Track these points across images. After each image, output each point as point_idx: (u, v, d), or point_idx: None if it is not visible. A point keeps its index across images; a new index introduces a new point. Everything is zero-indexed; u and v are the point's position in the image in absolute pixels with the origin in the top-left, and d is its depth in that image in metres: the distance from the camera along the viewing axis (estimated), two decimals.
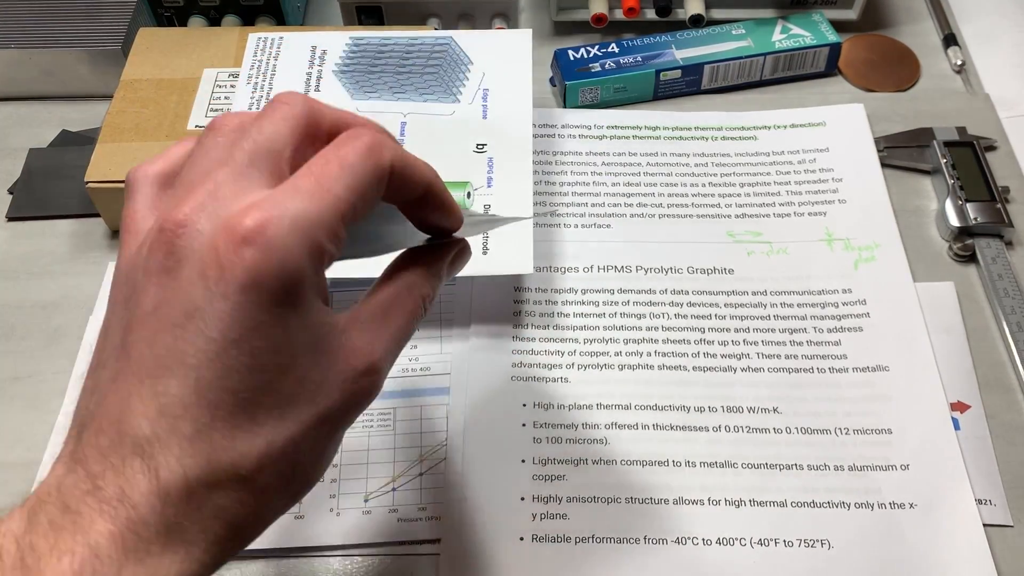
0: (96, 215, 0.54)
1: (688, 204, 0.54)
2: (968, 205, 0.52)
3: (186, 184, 0.26)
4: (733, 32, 0.62)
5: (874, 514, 0.42)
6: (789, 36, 0.61)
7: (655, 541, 0.42)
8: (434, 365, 0.48)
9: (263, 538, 0.43)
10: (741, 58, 0.60)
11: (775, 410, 0.46)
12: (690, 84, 0.61)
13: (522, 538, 0.42)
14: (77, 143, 0.59)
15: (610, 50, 0.61)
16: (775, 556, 0.41)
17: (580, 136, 0.58)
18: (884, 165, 0.56)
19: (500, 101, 0.52)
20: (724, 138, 0.58)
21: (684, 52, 0.61)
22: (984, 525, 0.42)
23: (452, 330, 0.49)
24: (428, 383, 0.47)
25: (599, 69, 0.60)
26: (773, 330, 0.49)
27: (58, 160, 0.58)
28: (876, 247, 0.52)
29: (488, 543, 0.42)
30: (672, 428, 0.45)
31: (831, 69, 0.62)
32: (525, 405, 0.46)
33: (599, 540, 0.42)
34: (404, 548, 0.42)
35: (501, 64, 0.53)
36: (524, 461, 0.44)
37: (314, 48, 0.54)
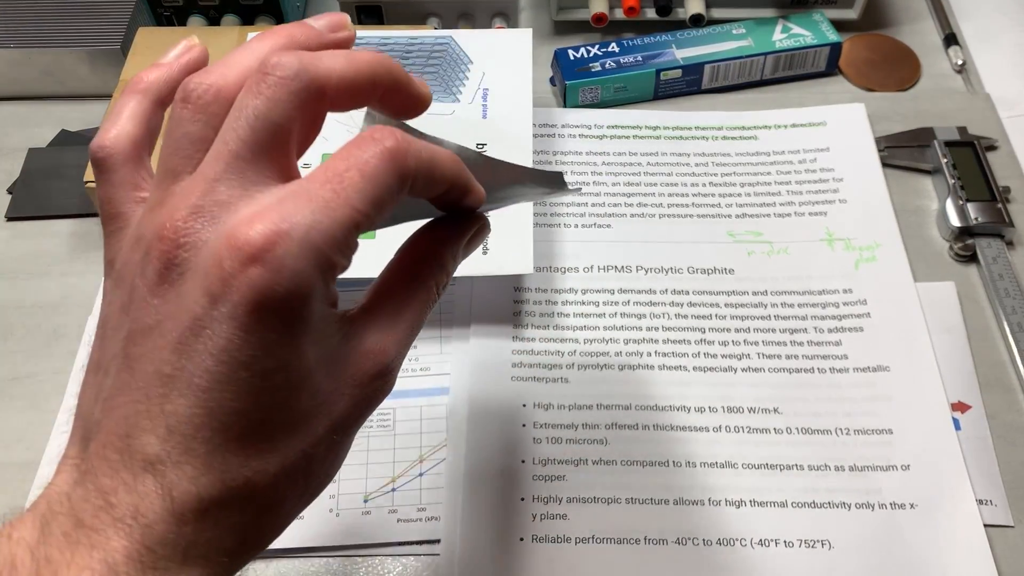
0: (95, 215, 0.54)
1: (688, 204, 0.54)
2: (969, 205, 0.52)
3: (172, 173, 0.24)
4: (733, 32, 0.62)
5: (875, 514, 0.42)
6: (790, 36, 0.61)
7: (655, 542, 0.42)
8: (434, 365, 0.48)
9: None
10: (741, 58, 0.60)
11: (776, 410, 0.46)
12: (690, 84, 0.61)
13: (522, 538, 0.42)
14: (76, 143, 0.59)
15: (610, 50, 0.61)
16: (776, 556, 0.41)
17: (580, 136, 0.58)
18: (885, 165, 0.56)
19: (500, 101, 0.52)
20: (724, 138, 0.58)
21: (684, 52, 0.61)
22: (985, 525, 0.41)
23: (452, 330, 0.49)
24: (428, 383, 0.47)
25: (599, 69, 0.60)
26: (774, 330, 0.49)
27: (57, 160, 0.58)
28: (877, 247, 0.52)
29: (488, 544, 0.42)
30: (672, 428, 0.45)
31: (832, 69, 0.62)
32: (525, 405, 0.46)
33: (599, 540, 0.42)
34: (403, 549, 0.42)
35: (501, 64, 0.53)
36: (524, 461, 0.44)
37: None
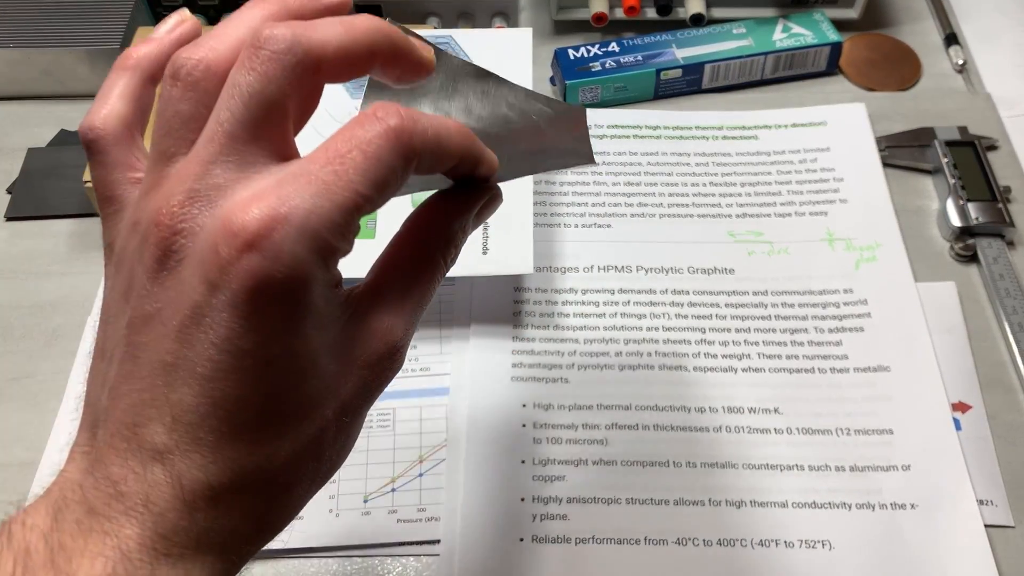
0: (95, 215, 0.54)
1: (689, 204, 0.54)
2: (969, 205, 0.52)
3: (165, 155, 0.23)
4: (734, 31, 0.62)
5: (875, 515, 0.42)
6: (790, 35, 0.61)
7: (655, 542, 0.42)
8: (434, 365, 0.48)
9: None
10: (742, 57, 0.60)
11: (776, 410, 0.46)
12: (691, 83, 0.61)
13: (522, 539, 0.42)
14: (76, 143, 0.59)
15: (610, 49, 0.61)
16: (776, 557, 0.41)
17: None
18: (885, 165, 0.56)
19: None
20: (725, 138, 0.58)
21: (685, 51, 0.61)
22: (985, 526, 0.41)
23: (452, 330, 0.49)
24: (428, 383, 0.47)
25: (599, 68, 0.60)
26: (774, 330, 0.48)
27: (57, 160, 0.58)
28: (877, 247, 0.52)
29: (488, 544, 0.41)
30: (672, 428, 0.45)
31: (832, 68, 0.62)
32: (525, 405, 0.46)
33: (599, 541, 0.42)
34: (403, 549, 0.42)
35: (501, 63, 0.53)
36: (524, 461, 0.44)
37: None
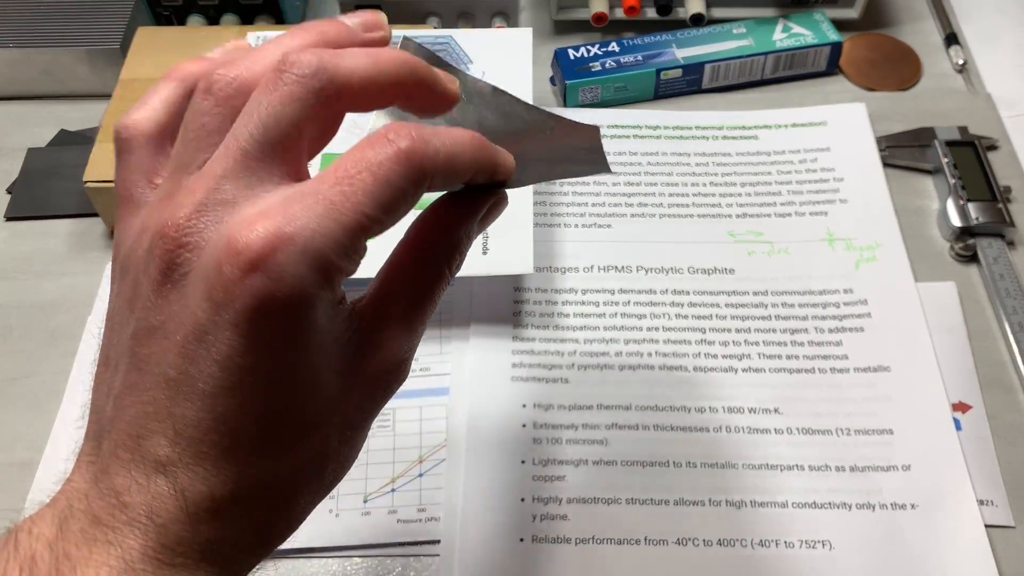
0: (95, 215, 0.54)
1: (689, 204, 0.54)
2: (969, 205, 0.52)
3: (183, 165, 0.23)
4: (734, 31, 0.62)
5: (875, 515, 0.42)
6: (790, 35, 0.61)
7: (655, 542, 0.41)
8: (434, 365, 0.48)
9: None
10: (742, 57, 0.60)
11: (776, 410, 0.46)
12: (691, 83, 0.61)
13: (522, 539, 0.42)
14: (76, 143, 0.59)
15: (610, 49, 0.61)
16: (776, 557, 0.41)
17: None
18: (885, 165, 0.56)
19: None
20: (725, 137, 0.58)
21: (685, 51, 0.60)
22: (985, 526, 0.41)
23: (452, 330, 0.49)
24: (428, 383, 0.47)
25: (599, 68, 0.60)
26: (774, 330, 0.48)
27: (57, 160, 0.58)
28: (877, 247, 0.52)
29: (488, 544, 0.41)
30: (672, 428, 0.45)
31: (832, 68, 0.62)
32: (525, 405, 0.46)
33: (599, 541, 0.42)
34: (403, 549, 0.42)
35: (501, 63, 0.53)
36: (524, 461, 0.44)
37: None
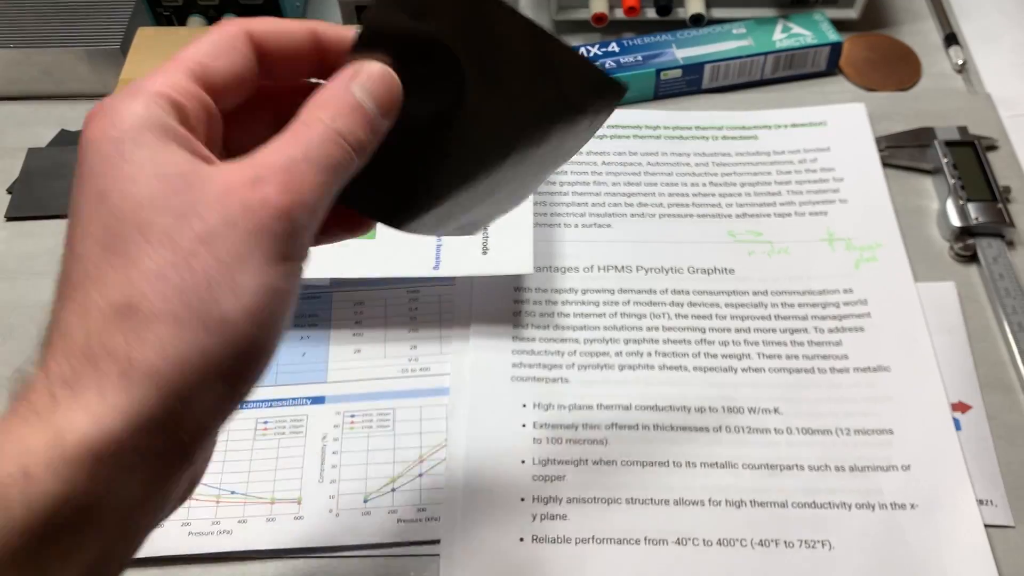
0: None
1: (688, 204, 0.54)
2: (969, 205, 0.52)
3: None
4: (734, 31, 0.62)
5: (875, 515, 0.42)
6: (790, 35, 0.61)
7: (655, 542, 0.42)
8: (434, 365, 0.48)
9: (262, 539, 0.43)
10: (742, 57, 0.60)
11: (776, 410, 0.46)
12: (691, 83, 0.61)
13: (522, 539, 0.42)
14: (76, 143, 0.58)
15: (610, 49, 0.61)
16: (776, 557, 0.41)
17: None
18: (885, 165, 0.56)
19: None
20: (725, 138, 0.58)
21: (685, 51, 0.61)
22: (985, 526, 0.41)
23: (452, 330, 0.49)
24: (428, 383, 0.47)
25: None
26: (774, 330, 0.48)
27: (57, 160, 0.58)
28: (877, 247, 0.52)
29: (488, 544, 0.41)
30: (672, 428, 0.45)
31: (832, 68, 0.62)
32: (525, 405, 0.46)
33: (599, 541, 0.42)
34: (403, 549, 0.42)
35: None
36: (524, 461, 0.44)
37: None
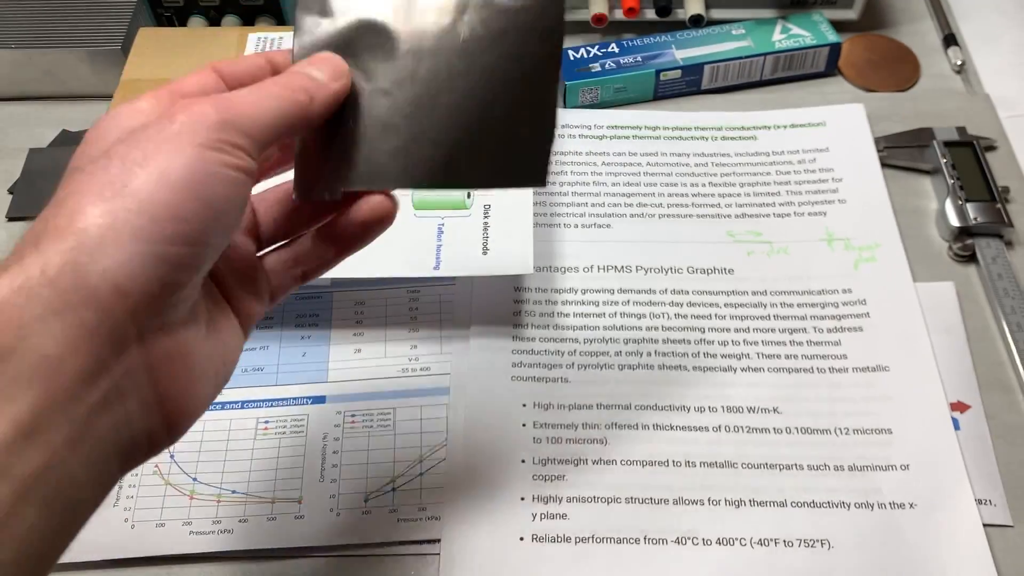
0: None
1: (688, 204, 0.54)
2: (968, 205, 0.52)
3: None
4: (733, 32, 0.62)
5: (874, 514, 0.42)
6: (789, 36, 0.61)
7: (655, 541, 0.42)
8: (434, 365, 0.48)
9: (263, 539, 0.43)
10: (741, 58, 0.60)
11: (775, 410, 0.46)
12: (690, 84, 0.61)
13: (522, 538, 0.42)
14: (77, 143, 0.58)
15: (610, 50, 0.61)
16: (775, 556, 0.41)
17: (580, 136, 0.58)
18: (884, 165, 0.56)
19: None
20: (724, 138, 0.58)
21: (684, 52, 0.61)
22: (984, 525, 0.41)
23: (452, 330, 0.49)
24: (428, 383, 0.47)
25: (599, 69, 0.60)
26: (773, 330, 0.49)
27: (58, 160, 0.58)
28: (876, 247, 0.52)
29: (488, 543, 0.42)
30: (672, 428, 0.45)
31: (831, 69, 0.62)
32: (525, 405, 0.46)
33: (599, 540, 0.42)
34: (404, 548, 0.42)
35: None
36: (524, 461, 0.44)
37: None
